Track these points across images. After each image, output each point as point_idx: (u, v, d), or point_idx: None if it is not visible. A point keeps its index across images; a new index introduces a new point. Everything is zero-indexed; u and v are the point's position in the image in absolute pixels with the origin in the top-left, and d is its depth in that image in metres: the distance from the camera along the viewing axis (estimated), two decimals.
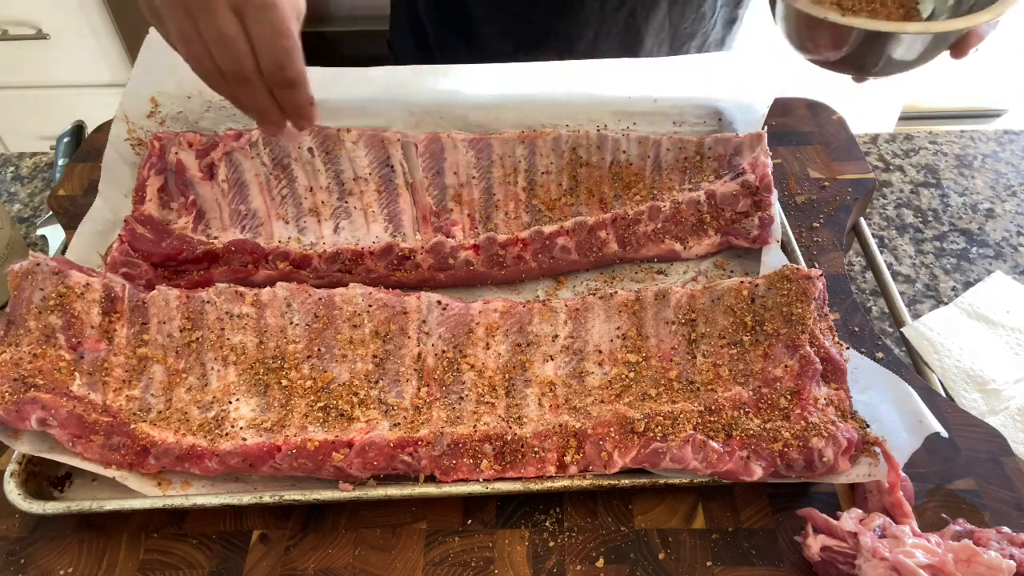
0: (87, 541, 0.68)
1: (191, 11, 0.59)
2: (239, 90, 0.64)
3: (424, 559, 0.67)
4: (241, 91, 0.64)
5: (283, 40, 0.60)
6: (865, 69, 0.80)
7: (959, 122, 2.25)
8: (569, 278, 0.87)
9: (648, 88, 0.97)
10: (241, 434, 0.69)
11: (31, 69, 1.95)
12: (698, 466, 0.67)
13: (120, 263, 0.80)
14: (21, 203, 1.06)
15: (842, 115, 1.06)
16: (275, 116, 0.67)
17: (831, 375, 0.71)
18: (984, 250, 0.98)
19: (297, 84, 0.64)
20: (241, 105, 0.67)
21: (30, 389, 0.68)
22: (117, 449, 0.67)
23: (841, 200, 0.95)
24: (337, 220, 0.89)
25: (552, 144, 0.91)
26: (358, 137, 0.89)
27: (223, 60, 0.61)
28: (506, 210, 0.90)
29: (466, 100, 0.96)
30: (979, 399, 0.81)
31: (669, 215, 0.86)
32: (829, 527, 0.63)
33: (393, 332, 0.75)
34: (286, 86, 0.63)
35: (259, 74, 0.62)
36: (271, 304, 0.75)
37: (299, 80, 0.63)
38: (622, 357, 0.75)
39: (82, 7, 1.83)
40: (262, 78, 0.62)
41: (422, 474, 0.68)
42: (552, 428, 0.68)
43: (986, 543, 0.62)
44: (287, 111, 0.67)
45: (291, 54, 0.61)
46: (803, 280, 0.73)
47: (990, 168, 1.09)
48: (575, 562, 0.66)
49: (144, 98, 0.92)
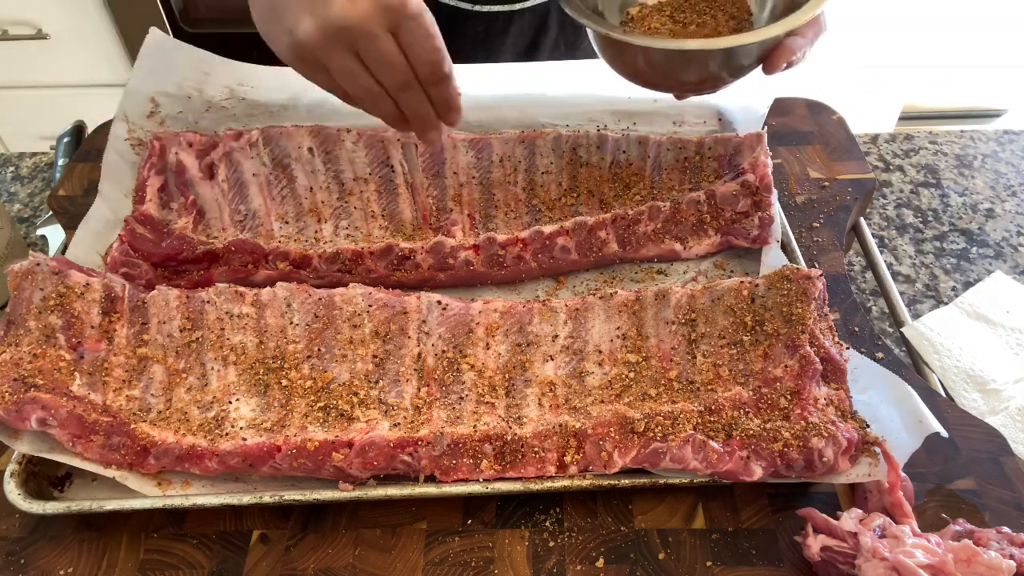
0: (87, 541, 0.68)
1: (354, 45, 0.62)
2: (403, 101, 0.68)
3: (424, 559, 0.67)
4: (405, 101, 0.68)
5: (435, 41, 0.64)
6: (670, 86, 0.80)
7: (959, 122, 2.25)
8: (569, 278, 0.87)
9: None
10: (241, 434, 0.69)
11: (31, 69, 1.95)
12: (698, 466, 0.67)
13: (120, 263, 0.80)
14: (21, 203, 1.06)
15: (842, 115, 1.06)
16: (433, 119, 0.71)
17: (831, 375, 0.71)
18: (984, 250, 0.98)
19: (451, 77, 0.68)
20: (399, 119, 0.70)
21: (30, 389, 0.68)
22: (117, 449, 0.67)
23: (841, 200, 0.95)
24: (337, 220, 0.89)
25: (552, 144, 0.91)
26: (358, 137, 0.89)
27: (390, 80, 0.65)
28: (506, 210, 0.90)
29: (466, 100, 0.96)
30: (979, 399, 0.81)
31: (669, 215, 0.86)
32: (829, 527, 0.63)
33: (393, 332, 0.75)
34: (441, 81, 0.67)
35: (417, 81, 0.66)
36: (271, 304, 0.75)
37: (451, 73, 0.67)
38: (622, 357, 0.75)
39: (82, 7, 1.83)
40: (420, 84, 0.67)
41: (422, 474, 0.68)
42: (552, 428, 0.69)
43: (986, 543, 0.62)
44: (439, 109, 0.70)
45: (442, 51, 0.65)
46: (803, 280, 0.73)
47: (990, 168, 1.09)
48: (575, 562, 0.66)
49: (144, 98, 0.92)
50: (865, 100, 2.02)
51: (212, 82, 0.95)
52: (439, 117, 0.72)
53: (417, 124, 0.71)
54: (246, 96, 0.95)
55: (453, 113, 0.72)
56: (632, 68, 0.79)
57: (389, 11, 0.61)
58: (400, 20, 0.62)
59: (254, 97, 0.95)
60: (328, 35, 0.62)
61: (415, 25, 0.62)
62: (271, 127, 0.89)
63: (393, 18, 0.62)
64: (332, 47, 0.63)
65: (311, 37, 0.62)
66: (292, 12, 0.63)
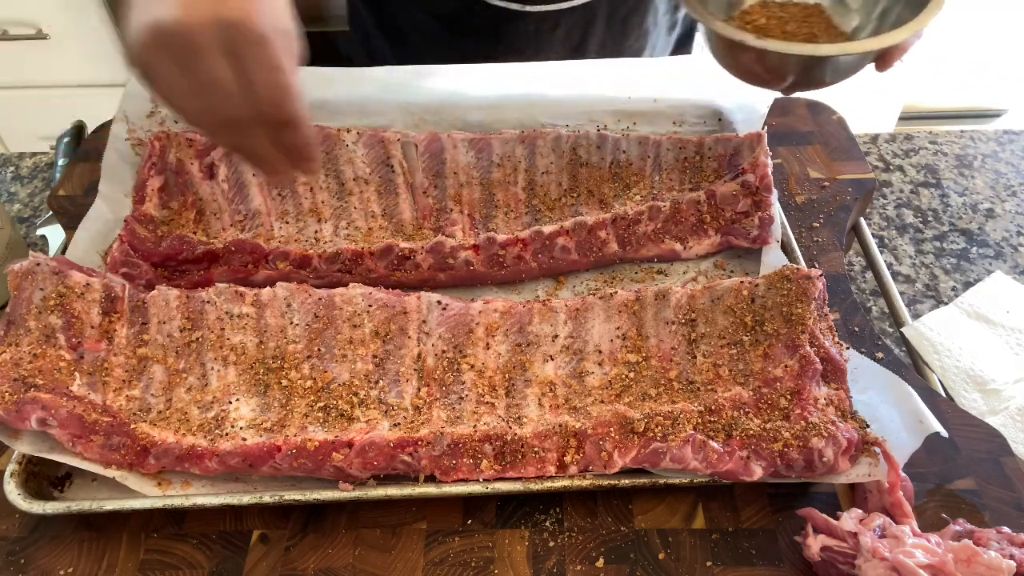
0: (87, 541, 0.68)
1: (179, 59, 0.53)
2: (238, 139, 0.59)
3: (424, 559, 0.67)
4: (240, 139, 0.59)
5: (278, 75, 0.54)
6: (782, 86, 0.80)
7: (959, 122, 2.25)
8: (569, 278, 0.87)
9: (648, 88, 0.97)
10: (241, 434, 0.69)
11: (31, 69, 1.94)
12: (698, 466, 0.67)
13: (120, 263, 0.80)
14: (21, 203, 1.06)
15: (842, 115, 1.06)
16: (279, 163, 0.62)
17: (831, 375, 0.71)
18: (984, 250, 0.98)
19: (297, 123, 0.58)
20: (243, 155, 0.62)
21: (30, 389, 0.68)
22: (117, 449, 0.67)
23: (841, 200, 0.95)
24: (337, 220, 0.89)
25: (552, 144, 0.91)
26: (358, 137, 0.89)
27: (219, 107, 0.56)
28: (506, 210, 0.90)
29: (466, 100, 0.96)
30: (979, 399, 0.81)
31: (669, 215, 0.86)
32: (829, 527, 0.63)
33: (393, 332, 0.75)
34: (285, 126, 0.58)
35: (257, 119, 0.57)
36: (271, 304, 0.75)
37: (298, 118, 0.57)
38: (622, 357, 0.75)
39: (82, 7, 1.83)
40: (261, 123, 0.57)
41: (422, 474, 0.68)
42: (552, 428, 0.69)
43: (986, 543, 0.62)
44: (290, 155, 0.61)
45: (288, 90, 0.56)
46: (803, 280, 0.73)
47: (990, 168, 1.09)
48: (575, 562, 0.66)
49: (144, 98, 0.92)
50: (865, 100, 2.02)
51: None
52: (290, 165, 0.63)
53: (255, 163, 0.63)
54: None
55: (304, 163, 0.62)
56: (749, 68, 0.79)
57: (226, 27, 0.52)
58: (239, 42, 0.52)
59: None
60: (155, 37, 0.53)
61: (258, 52, 0.53)
62: None
63: (230, 36, 0.52)
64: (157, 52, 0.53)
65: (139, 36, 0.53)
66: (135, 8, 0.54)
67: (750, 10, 0.84)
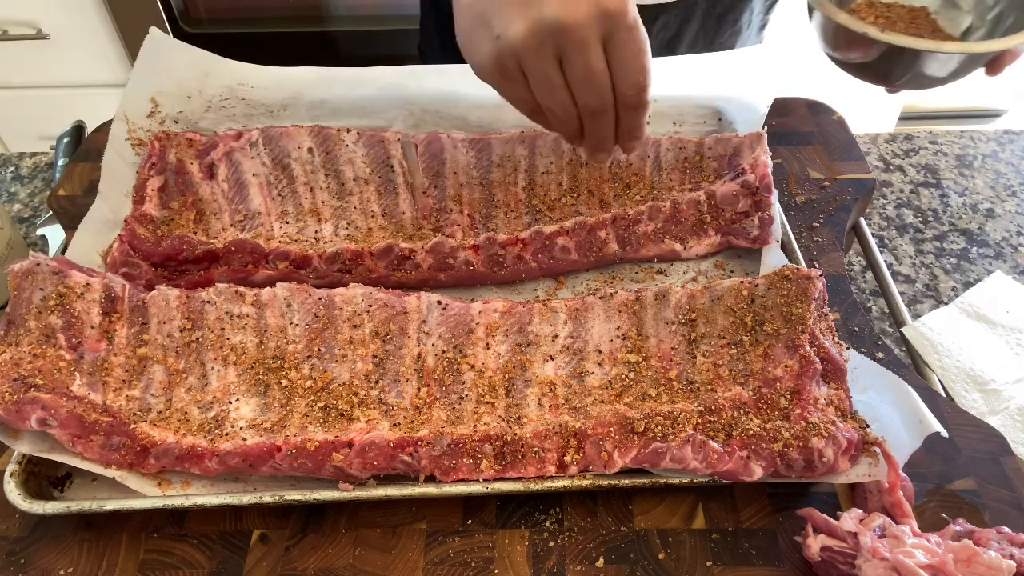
0: (87, 541, 0.68)
1: (562, 52, 0.58)
2: (592, 123, 0.63)
3: (424, 559, 0.67)
4: (594, 123, 0.63)
5: (645, 59, 0.59)
6: (896, 82, 0.80)
7: (959, 122, 2.25)
8: (569, 278, 0.87)
9: None
10: (241, 434, 0.69)
11: (31, 69, 1.95)
12: (698, 466, 0.67)
13: (120, 263, 0.80)
14: (21, 203, 1.06)
15: (842, 115, 1.06)
16: (611, 144, 0.66)
17: (831, 375, 0.71)
18: (984, 250, 0.98)
19: (647, 105, 0.63)
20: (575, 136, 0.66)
21: (30, 389, 0.68)
22: (117, 449, 0.67)
23: (841, 200, 0.95)
24: (337, 220, 0.89)
25: (552, 144, 0.91)
26: (358, 137, 0.89)
27: (588, 100, 0.60)
28: (506, 210, 0.90)
29: (466, 100, 0.96)
30: (979, 399, 0.81)
31: (669, 215, 0.86)
32: (829, 527, 0.63)
33: (393, 332, 0.75)
34: (639, 107, 0.62)
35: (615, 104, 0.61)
36: (271, 304, 0.76)
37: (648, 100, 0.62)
38: (622, 357, 0.75)
39: (82, 7, 1.83)
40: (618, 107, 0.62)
41: (422, 474, 0.68)
42: (552, 428, 0.69)
43: (986, 543, 0.62)
44: (623, 135, 0.65)
45: (649, 74, 0.60)
46: (803, 280, 0.73)
47: (990, 168, 1.09)
48: (575, 562, 0.66)
49: (144, 98, 0.92)
50: (865, 100, 2.02)
51: (212, 82, 0.95)
52: (617, 142, 0.67)
53: (593, 144, 0.67)
54: (246, 96, 0.95)
55: (635, 142, 0.67)
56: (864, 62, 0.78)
57: (606, 18, 0.57)
58: (615, 30, 0.57)
59: (254, 97, 0.95)
60: (539, 36, 0.57)
61: (630, 38, 0.58)
62: (271, 127, 0.89)
63: (609, 26, 0.57)
64: (539, 51, 0.58)
65: (520, 38, 0.58)
66: (503, 14, 0.59)
67: (857, 8, 0.84)
